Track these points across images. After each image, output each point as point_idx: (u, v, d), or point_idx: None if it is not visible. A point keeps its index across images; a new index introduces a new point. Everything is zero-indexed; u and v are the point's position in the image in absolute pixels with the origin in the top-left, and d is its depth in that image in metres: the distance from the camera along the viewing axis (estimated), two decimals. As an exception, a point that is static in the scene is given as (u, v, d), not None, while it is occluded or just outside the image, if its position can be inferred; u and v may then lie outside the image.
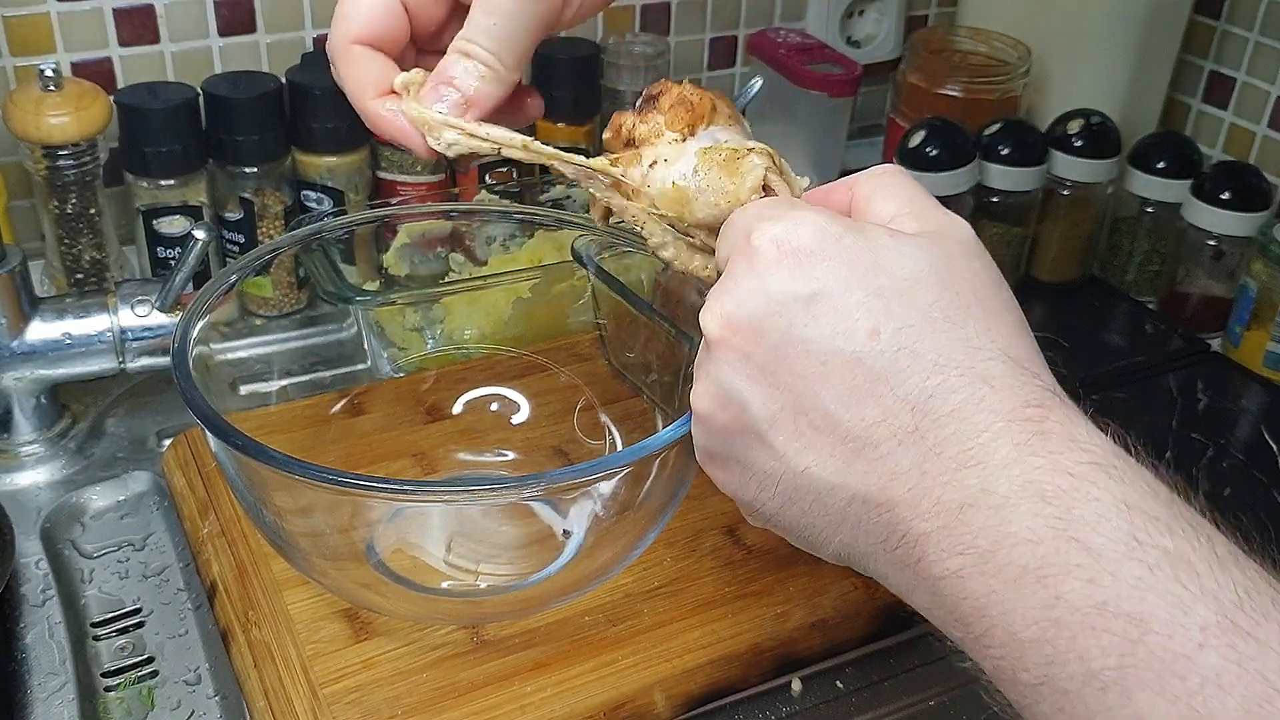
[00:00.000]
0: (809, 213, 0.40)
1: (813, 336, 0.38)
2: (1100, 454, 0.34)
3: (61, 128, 0.83)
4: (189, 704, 0.66)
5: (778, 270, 0.39)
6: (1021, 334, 0.39)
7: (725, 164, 0.48)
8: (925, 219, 0.42)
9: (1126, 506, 0.33)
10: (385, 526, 0.66)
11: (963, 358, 0.36)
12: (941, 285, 0.38)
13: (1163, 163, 1.03)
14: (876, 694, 0.65)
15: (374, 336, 0.84)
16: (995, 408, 0.36)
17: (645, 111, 0.52)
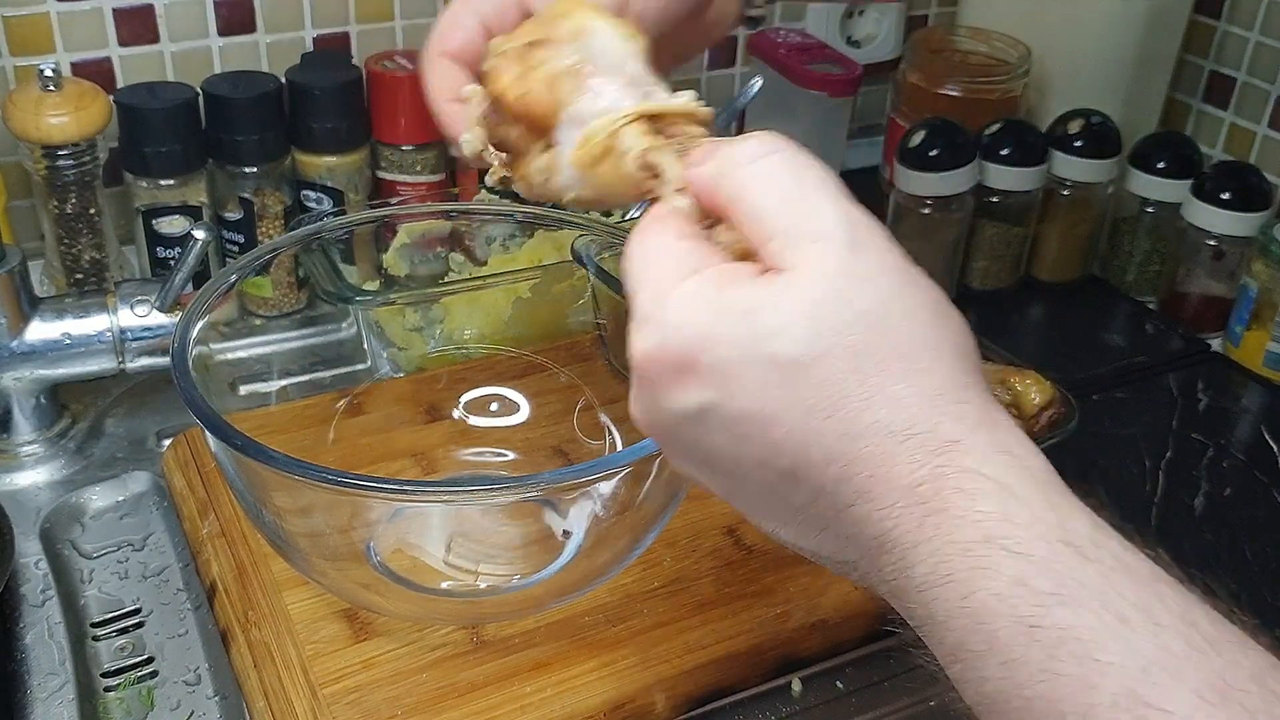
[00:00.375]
0: (676, 312, 0.38)
1: (715, 448, 0.39)
2: (993, 525, 0.34)
3: (61, 128, 0.83)
4: (189, 704, 0.66)
5: (659, 389, 0.39)
6: (908, 378, 0.36)
7: (600, 162, 0.44)
8: (795, 243, 0.37)
9: (1018, 582, 0.33)
10: (385, 526, 0.66)
11: (847, 447, 0.36)
12: (815, 363, 0.36)
13: (1163, 163, 1.03)
14: (876, 694, 0.65)
15: (374, 336, 0.84)
16: (889, 495, 0.36)
17: (500, 120, 0.47)
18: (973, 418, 0.36)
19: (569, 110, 0.44)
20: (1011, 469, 0.35)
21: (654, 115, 0.43)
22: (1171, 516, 0.82)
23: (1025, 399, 0.73)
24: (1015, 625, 0.33)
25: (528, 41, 0.45)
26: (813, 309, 0.36)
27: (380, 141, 0.98)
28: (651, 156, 0.42)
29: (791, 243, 0.37)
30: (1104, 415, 0.92)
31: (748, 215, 0.39)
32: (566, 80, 0.44)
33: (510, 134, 0.47)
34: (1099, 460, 0.86)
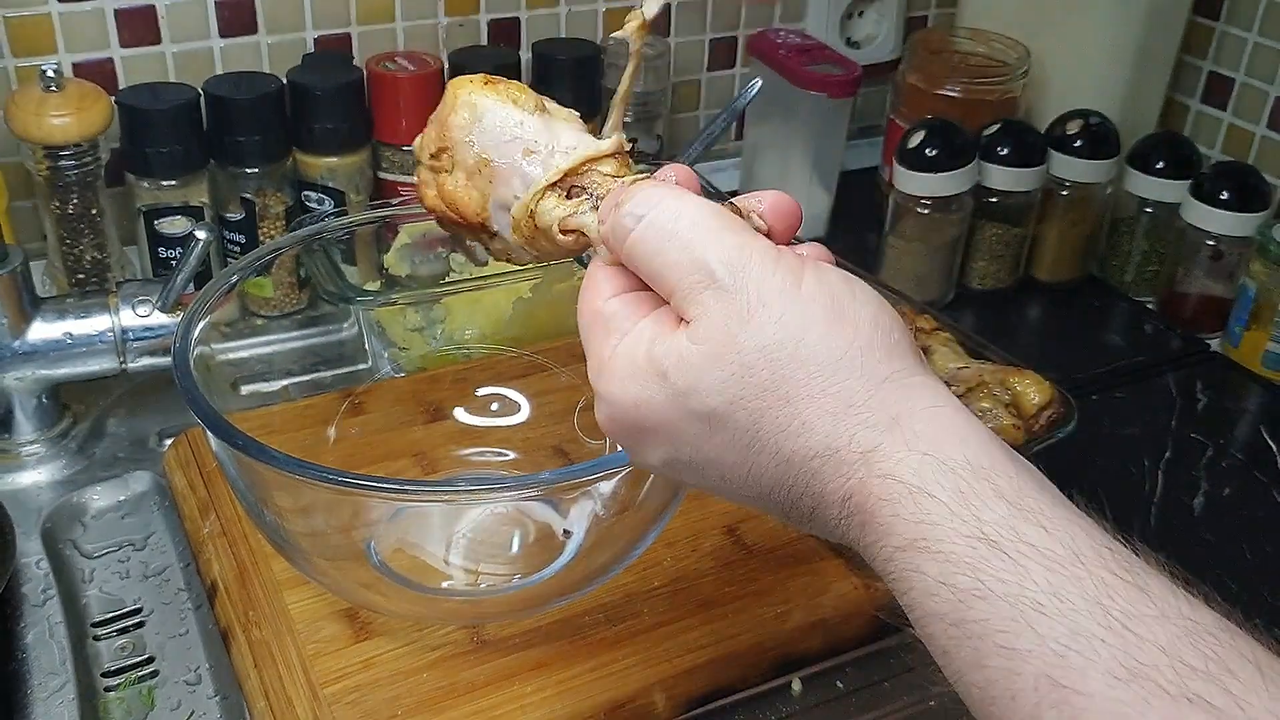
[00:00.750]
0: (615, 384, 0.42)
1: (698, 483, 0.43)
2: (913, 529, 0.36)
3: (63, 128, 0.83)
4: (189, 704, 0.66)
5: (629, 447, 0.44)
6: (816, 400, 0.38)
7: (536, 239, 0.46)
8: (688, 293, 0.40)
9: (940, 583, 0.35)
10: (385, 526, 0.67)
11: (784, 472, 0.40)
12: (732, 409, 0.39)
13: (1162, 163, 1.03)
14: (876, 694, 0.65)
15: (374, 336, 0.84)
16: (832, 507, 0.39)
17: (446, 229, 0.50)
18: (886, 419, 0.38)
19: (491, 201, 0.46)
20: (926, 468, 0.37)
21: (561, 179, 0.45)
22: (1171, 516, 0.82)
23: (1025, 399, 0.73)
24: (943, 623, 0.36)
25: (431, 153, 0.47)
26: (714, 362, 0.39)
27: (381, 142, 0.98)
28: (570, 222, 0.44)
29: (686, 298, 0.40)
30: (1104, 415, 0.92)
31: (648, 280, 0.42)
32: (477, 179, 0.46)
33: (460, 232, 0.49)
34: (1099, 460, 0.87)
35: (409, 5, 1.02)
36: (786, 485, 0.40)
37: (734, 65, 1.19)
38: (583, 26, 1.10)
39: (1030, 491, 0.36)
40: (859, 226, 1.14)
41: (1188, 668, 0.32)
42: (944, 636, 0.36)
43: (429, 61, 0.98)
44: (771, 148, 1.12)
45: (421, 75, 0.96)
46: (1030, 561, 0.34)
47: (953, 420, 0.38)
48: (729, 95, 1.19)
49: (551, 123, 0.46)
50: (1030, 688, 0.33)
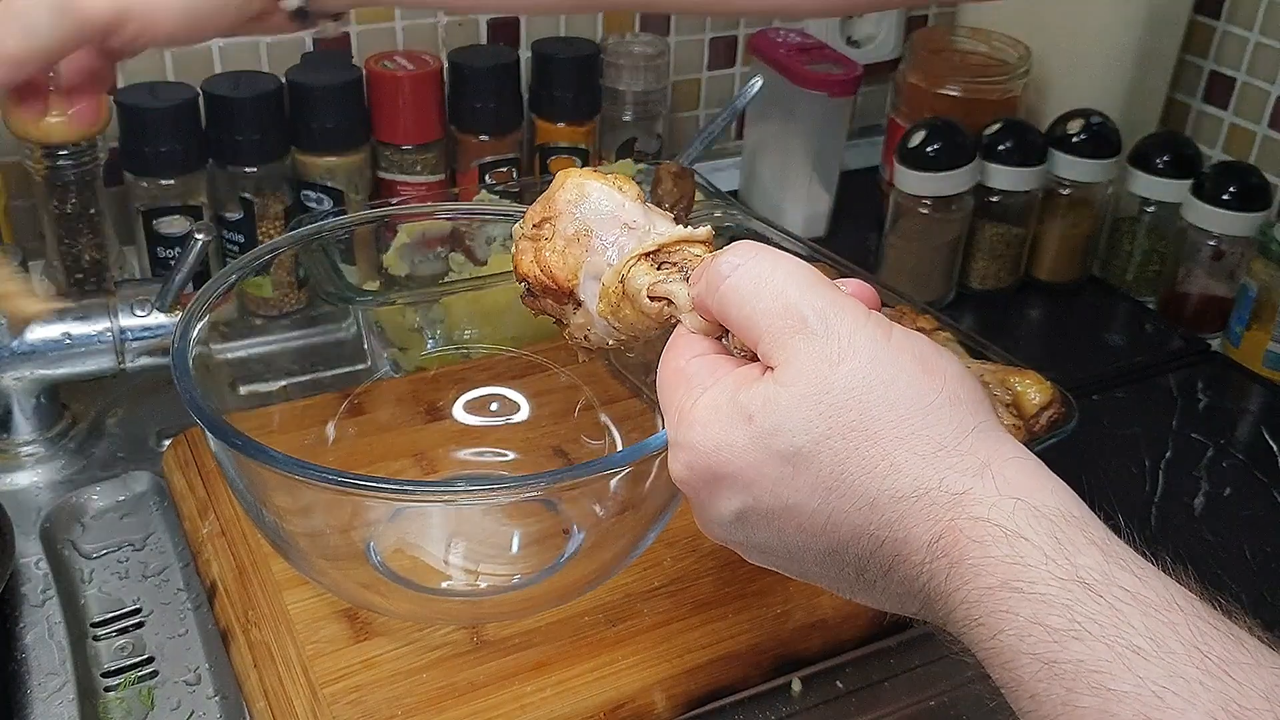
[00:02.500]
0: (695, 433, 0.42)
1: (765, 541, 0.43)
2: (1007, 569, 0.36)
3: (61, 127, 0.83)
4: (189, 704, 0.66)
5: (701, 500, 0.44)
6: (906, 442, 0.39)
7: (621, 307, 0.48)
8: (778, 338, 0.41)
9: (1034, 623, 0.35)
10: (385, 526, 0.66)
11: (868, 517, 0.39)
12: (818, 448, 0.40)
13: (1163, 162, 1.03)
14: (876, 694, 0.65)
15: (374, 336, 0.84)
16: (916, 553, 0.39)
17: (535, 296, 0.52)
18: (977, 464, 0.38)
19: (583, 271, 0.49)
20: (1020, 512, 0.37)
21: (655, 250, 0.48)
22: (1171, 516, 0.82)
23: (1025, 399, 0.73)
24: (1035, 662, 0.35)
25: (534, 223, 0.51)
26: (802, 401, 0.40)
27: (380, 141, 0.98)
28: (658, 289, 0.47)
29: (775, 343, 0.41)
30: (1104, 415, 0.92)
31: (737, 327, 0.43)
32: (574, 247, 0.50)
33: (547, 304, 0.52)
34: (1099, 460, 0.86)
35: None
36: (868, 532, 0.39)
37: (734, 64, 1.19)
38: (583, 26, 1.10)
39: (1118, 543, 0.37)
40: (859, 226, 1.14)
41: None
42: (1034, 679, 0.35)
43: (428, 60, 0.98)
44: (771, 147, 1.12)
45: (421, 74, 0.96)
46: (1126, 605, 0.34)
47: (1038, 471, 0.39)
48: (729, 94, 1.19)
49: (649, 212, 0.50)
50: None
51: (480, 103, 0.99)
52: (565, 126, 1.03)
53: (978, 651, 0.38)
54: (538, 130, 1.04)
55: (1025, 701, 0.36)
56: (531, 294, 0.52)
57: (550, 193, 0.51)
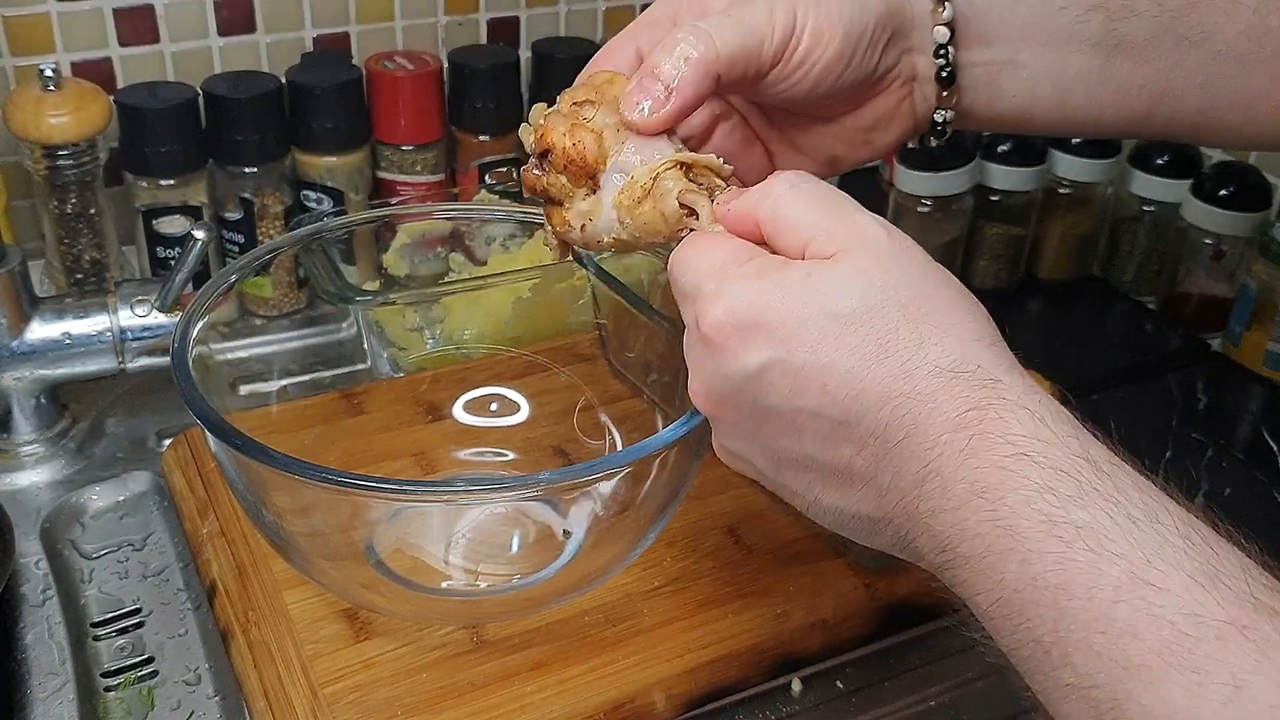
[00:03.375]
0: (739, 285, 0.43)
1: (774, 404, 0.43)
2: (1026, 443, 0.39)
3: (61, 128, 0.83)
4: (189, 704, 0.66)
5: (726, 352, 0.43)
6: (952, 328, 0.42)
7: (642, 204, 0.49)
8: (835, 235, 0.43)
9: (1045, 489, 0.38)
10: (385, 526, 0.66)
11: (901, 385, 0.41)
12: (869, 315, 0.41)
13: (1162, 163, 1.03)
14: (876, 694, 0.65)
15: (374, 336, 0.84)
16: (937, 425, 0.40)
17: (545, 171, 0.51)
18: (1006, 363, 0.42)
19: (613, 160, 0.49)
20: (1043, 404, 0.40)
21: (688, 165, 0.49)
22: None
23: (1025, 399, 0.73)
24: (1038, 522, 0.38)
25: (576, 101, 0.50)
26: (863, 273, 0.41)
27: (380, 141, 0.98)
28: (688, 197, 0.48)
29: (833, 238, 0.43)
30: (1104, 415, 0.91)
31: (787, 227, 0.44)
32: (611, 135, 0.50)
33: (555, 183, 0.51)
34: (1099, 460, 0.86)
35: (408, 4, 1.02)
36: (894, 400, 0.41)
37: (734, 65, 1.19)
38: (583, 26, 1.10)
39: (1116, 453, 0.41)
40: (859, 226, 1.14)
41: (1260, 584, 0.35)
42: (1032, 535, 0.38)
43: (428, 61, 0.98)
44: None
45: (421, 74, 0.96)
46: (1128, 486, 0.38)
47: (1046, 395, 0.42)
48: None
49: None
50: (1111, 585, 0.36)
51: (480, 103, 0.99)
52: (565, 126, 1.03)
53: (968, 523, 0.39)
54: (537, 130, 1.04)
55: (1014, 565, 0.38)
56: (541, 166, 0.51)
57: (597, 81, 0.51)
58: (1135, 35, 0.54)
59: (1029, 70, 0.55)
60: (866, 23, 0.51)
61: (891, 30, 0.52)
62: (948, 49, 0.54)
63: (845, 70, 0.51)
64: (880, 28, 0.52)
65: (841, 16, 0.50)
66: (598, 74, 0.52)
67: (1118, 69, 0.55)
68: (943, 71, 0.54)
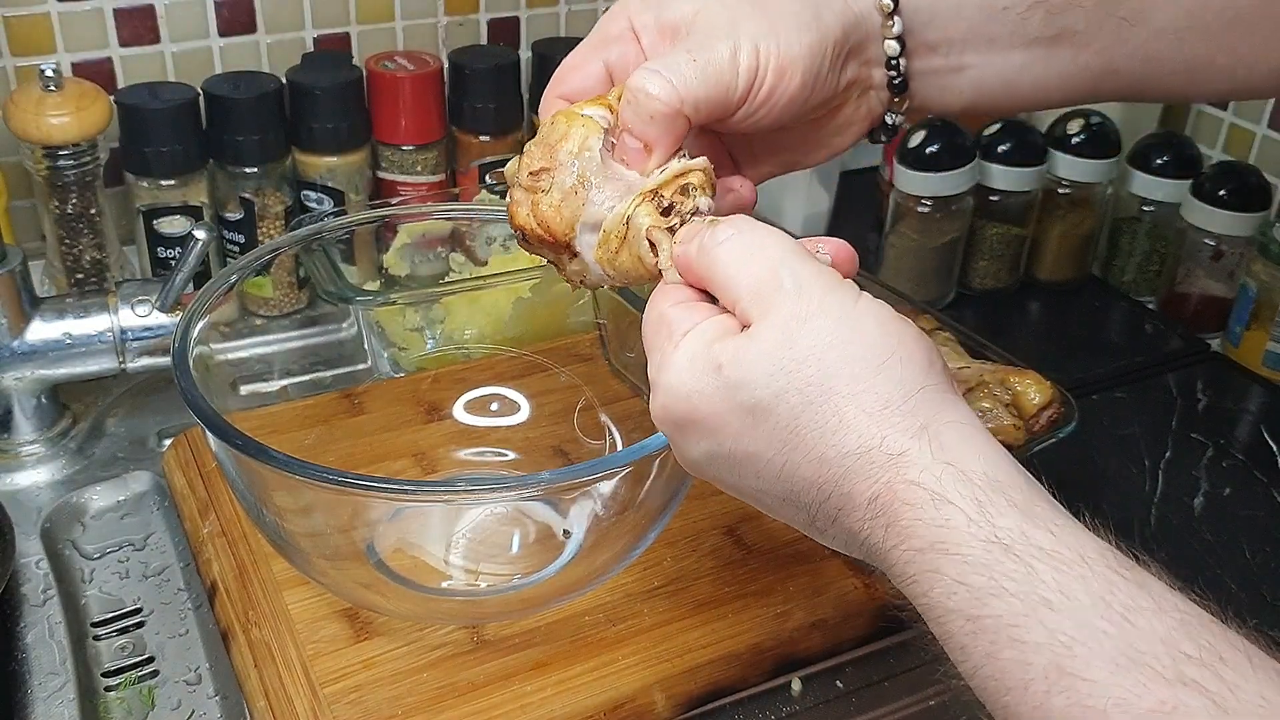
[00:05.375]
0: (670, 375, 0.45)
1: (730, 482, 0.46)
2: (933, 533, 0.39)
3: (62, 128, 0.83)
4: (189, 704, 0.66)
5: (674, 441, 0.47)
6: (856, 399, 0.41)
7: (619, 253, 0.50)
8: (757, 296, 0.44)
9: (958, 583, 0.38)
10: (385, 526, 0.66)
11: (817, 471, 0.42)
12: (776, 402, 0.42)
13: (1162, 163, 1.03)
14: (876, 694, 0.65)
15: (374, 336, 0.84)
16: (858, 510, 0.41)
17: (528, 246, 0.53)
18: (917, 426, 0.41)
19: (579, 223, 0.50)
20: (947, 477, 0.40)
21: (656, 189, 0.49)
22: (1171, 516, 0.82)
23: (1025, 399, 0.73)
24: (960, 619, 0.38)
25: (531, 171, 0.51)
26: (766, 357, 0.42)
27: (381, 142, 0.98)
28: (653, 234, 0.48)
29: (753, 300, 0.44)
30: (1104, 415, 0.92)
31: (720, 287, 0.46)
32: (571, 200, 0.50)
33: (542, 250, 0.53)
34: (1099, 460, 0.86)
35: (408, 4, 1.02)
36: (817, 485, 0.42)
37: (734, 65, 1.19)
38: (583, 26, 1.10)
39: (1039, 503, 0.39)
40: (859, 226, 1.14)
41: (1183, 655, 0.34)
42: (961, 633, 0.38)
43: (428, 61, 0.98)
44: (771, 147, 1.12)
45: (421, 75, 0.96)
46: (1039, 563, 0.37)
47: (974, 436, 0.41)
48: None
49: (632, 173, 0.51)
50: (1040, 676, 0.36)
51: (480, 103, 0.99)
52: (565, 126, 1.03)
53: (917, 605, 0.40)
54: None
55: (956, 653, 0.39)
56: (527, 241, 0.53)
57: (550, 139, 0.51)
58: (1076, 24, 0.55)
59: (976, 70, 0.56)
60: (826, 49, 0.52)
61: (850, 48, 0.53)
62: (899, 60, 0.54)
63: (809, 99, 0.52)
64: (839, 50, 0.52)
65: (803, 48, 0.51)
66: (551, 128, 0.51)
67: (1061, 56, 0.56)
68: (894, 81, 0.55)
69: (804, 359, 0.42)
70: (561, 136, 0.51)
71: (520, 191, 0.52)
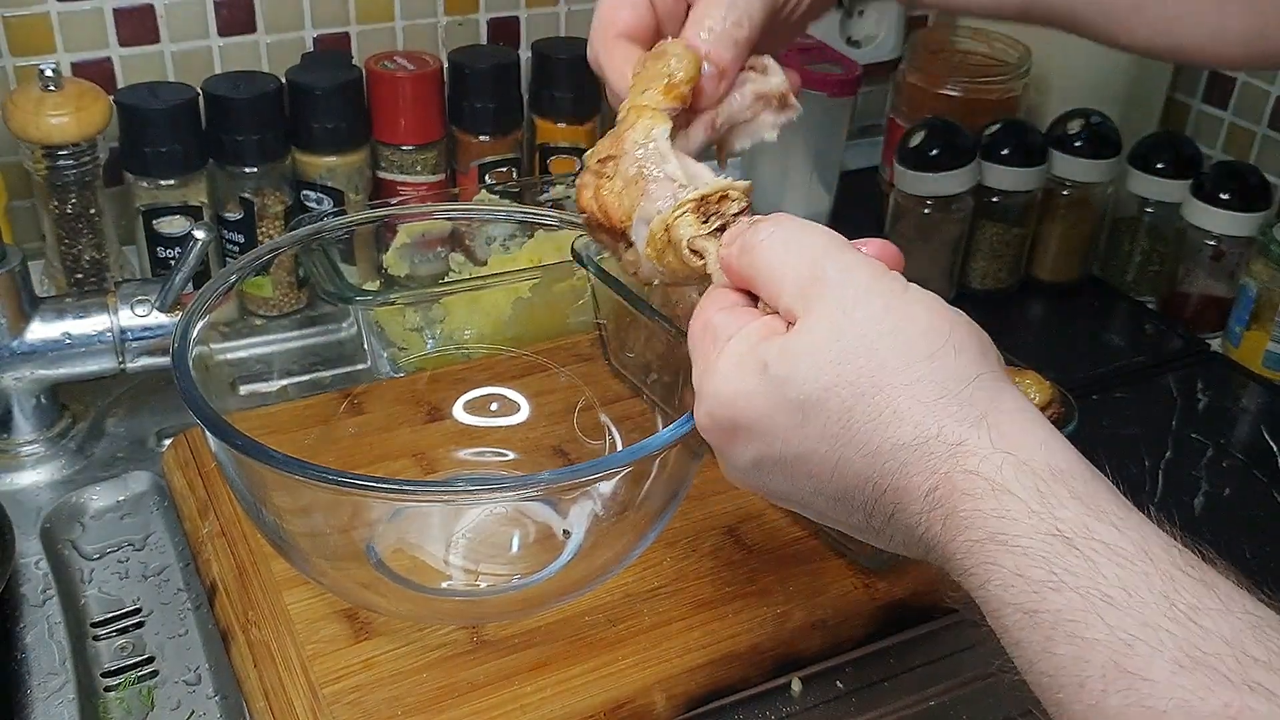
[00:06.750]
0: (715, 382, 0.44)
1: (781, 489, 0.45)
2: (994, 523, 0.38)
3: (61, 128, 0.83)
4: (189, 704, 0.66)
5: (722, 449, 0.46)
6: (909, 390, 0.40)
7: (665, 253, 0.50)
8: (801, 290, 0.43)
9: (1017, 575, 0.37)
10: (385, 526, 0.66)
11: (871, 466, 0.41)
12: (826, 396, 0.41)
13: (1163, 163, 1.03)
14: (876, 694, 0.65)
15: (374, 336, 0.84)
16: (915, 504, 0.40)
17: (591, 229, 0.55)
18: (975, 415, 0.40)
19: (636, 214, 0.51)
20: (1008, 467, 0.39)
21: (700, 200, 0.50)
22: (1171, 516, 0.82)
23: (1025, 399, 0.73)
24: (1017, 612, 0.37)
25: (600, 158, 0.53)
26: (814, 350, 0.41)
27: (380, 141, 0.98)
28: (696, 243, 0.49)
29: (797, 295, 0.43)
30: (1104, 415, 0.92)
31: (764, 285, 0.45)
32: (631, 189, 0.51)
33: (602, 237, 0.54)
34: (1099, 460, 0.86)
35: (408, 4, 1.02)
36: (872, 480, 0.41)
37: (734, 65, 1.19)
38: (583, 26, 1.09)
39: (1103, 494, 0.38)
40: (859, 226, 1.13)
41: (1250, 658, 0.33)
42: (1017, 626, 0.37)
43: (428, 61, 0.98)
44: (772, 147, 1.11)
45: (421, 74, 0.96)
46: (1101, 557, 0.36)
47: (1034, 424, 0.40)
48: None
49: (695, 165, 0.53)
50: (1098, 674, 0.35)
51: (480, 103, 0.99)
52: (565, 126, 1.03)
53: (974, 597, 0.39)
54: (538, 130, 1.04)
55: (1012, 648, 0.38)
56: (589, 224, 0.54)
57: (620, 129, 0.53)
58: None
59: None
60: None
61: None
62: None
63: None
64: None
65: None
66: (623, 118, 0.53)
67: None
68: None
69: (854, 350, 0.41)
70: (629, 126, 0.52)
71: (589, 175, 0.53)
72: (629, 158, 0.51)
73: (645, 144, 0.51)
